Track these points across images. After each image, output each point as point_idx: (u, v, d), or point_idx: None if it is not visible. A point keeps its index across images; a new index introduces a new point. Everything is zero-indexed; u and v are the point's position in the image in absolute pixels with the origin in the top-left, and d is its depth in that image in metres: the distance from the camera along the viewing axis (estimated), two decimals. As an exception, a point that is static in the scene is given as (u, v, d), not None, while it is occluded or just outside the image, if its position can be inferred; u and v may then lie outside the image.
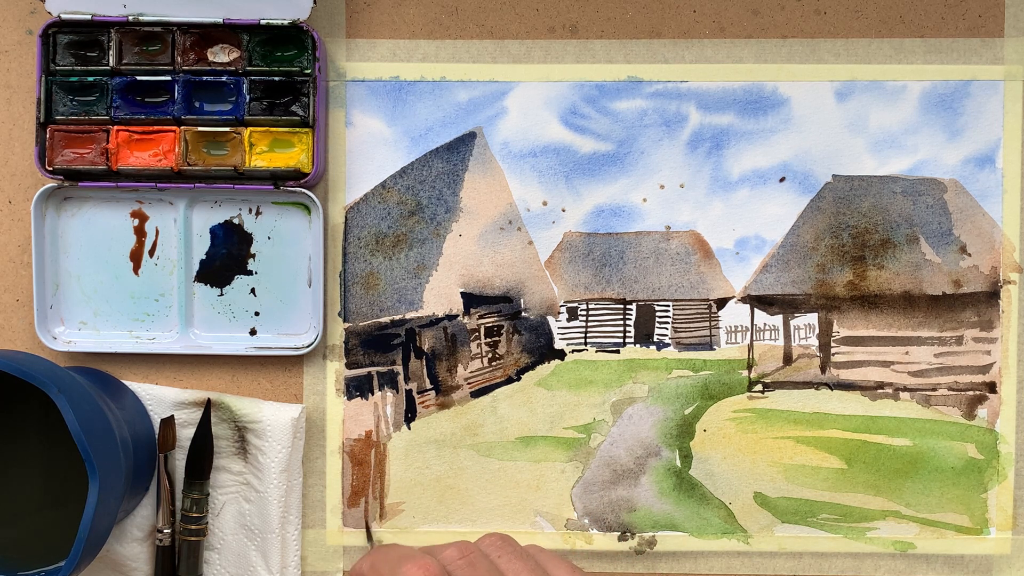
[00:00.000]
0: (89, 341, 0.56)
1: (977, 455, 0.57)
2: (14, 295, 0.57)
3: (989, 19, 0.56)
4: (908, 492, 0.57)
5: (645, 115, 0.57)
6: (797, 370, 0.57)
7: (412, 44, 0.57)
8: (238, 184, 0.55)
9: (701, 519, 0.57)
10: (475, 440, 0.57)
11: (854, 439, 0.57)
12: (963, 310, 0.57)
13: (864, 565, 0.57)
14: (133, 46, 0.55)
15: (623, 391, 0.57)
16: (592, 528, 0.57)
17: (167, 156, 0.55)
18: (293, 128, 0.55)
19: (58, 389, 0.45)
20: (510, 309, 0.57)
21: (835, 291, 0.57)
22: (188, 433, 0.56)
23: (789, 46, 0.56)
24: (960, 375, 0.57)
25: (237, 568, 0.56)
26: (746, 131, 0.57)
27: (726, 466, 0.57)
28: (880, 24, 0.56)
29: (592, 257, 0.57)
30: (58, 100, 0.55)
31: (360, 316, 0.57)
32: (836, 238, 0.57)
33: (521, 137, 0.57)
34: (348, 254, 0.57)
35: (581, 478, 0.57)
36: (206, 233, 0.56)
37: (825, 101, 0.57)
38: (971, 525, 0.57)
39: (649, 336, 0.57)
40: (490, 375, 0.57)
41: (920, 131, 0.57)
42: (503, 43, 0.57)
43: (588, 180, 0.57)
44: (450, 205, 0.57)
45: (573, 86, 0.57)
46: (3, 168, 0.57)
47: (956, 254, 0.57)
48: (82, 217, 0.56)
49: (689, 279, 0.57)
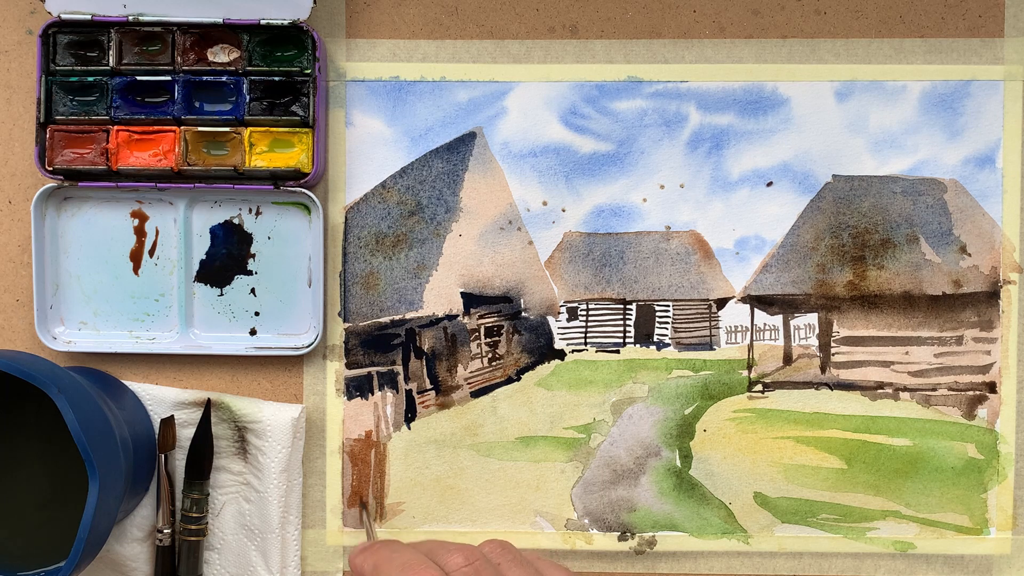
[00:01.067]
0: (89, 341, 0.56)
1: (977, 455, 0.57)
2: (14, 295, 0.57)
3: (989, 19, 0.56)
4: (908, 492, 0.57)
5: (645, 115, 0.57)
6: (797, 370, 0.57)
7: (412, 44, 0.57)
8: (238, 184, 0.55)
9: (701, 519, 0.57)
10: (475, 440, 0.57)
11: (854, 439, 0.57)
12: (963, 310, 0.57)
13: (864, 565, 0.57)
14: (133, 46, 0.55)
15: (623, 391, 0.57)
16: (592, 528, 0.57)
17: (167, 156, 0.55)
18: (293, 128, 0.55)
19: (58, 389, 0.45)
20: (510, 309, 0.57)
21: (835, 291, 0.57)
22: (188, 433, 0.56)
23: (789, 46, 0.56)
24: (960, 375, 0.57)
25: (237, 568, 0.56)
26: (746, 131, 0.57)
27: (726, 466, 0.57)
28: (880, 24, 0.56)
29: (592, 257, 0.57)
30: (58, 100, 0.55)
31: (360, 316, 0.57)
32: (836, 238, 0.57)
33: (521, 137, 0.57)
34: (348, 254, 0.57)
35: (581, 478, 0.57)
36: (206, 233, 0.56)
37: (825, 101, 0.57)
38: (971, 525, 0.57)
39: (649, 336, 0.57)
40: (490, 375, 0.57)
41: (920, 131, 0.57)
42: (503, 43, 0.57)
43: (588, 180, 0.57)
44: (450, 205, 0.57)
45: (573, 86, 0.57)
46: (3, 168, 0.57)
47: (956, 254, 0.57)
48: (82, 217, 0.56)
49: (689, 279, 0.57)
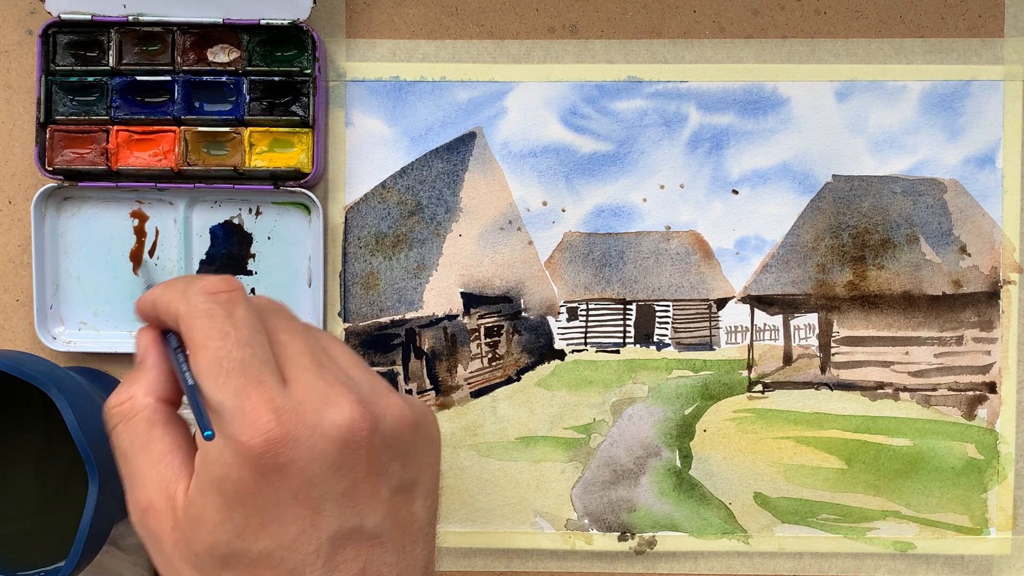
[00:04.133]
0: (89, 341, 0.56)
1: (977, 455, 0.57)
2: (14, 295, 0.57)
3: (989, 19, 0.56)
4: (908, 492, 0.57)
5: (645, 115, 0.57)
6: (797, 370, 0.57)
7: (412, 44, 0.57)
8: (238, 184, 0.55)
9: (701, 519, 0.57)
10: (475, 440, 0.57)
11: (854, 439, 0.57)
12: (963, 310, 0.57)
13: (864, 565, 0.57)
14: (133, 46, 0.55)
15: (623, 391, 0.57)
16: (592, 528, 0.57)
17: (167, 156, 0.55)
18: (293, 128, 0.55)
19: (58, 389, 0.45)
20: (510, 309, 0.57)
21: (835, 291, 0.57)
22: (188, 433, 0.55)
23: (789, 46, 0.56)
24: (960, 375, 0.57)
25: (237, 568, 0.56)
26: (746, 131, 0.57)
27: (726, 466, 0.57)
28: (880, 24, 0.56)
29: (592, 257, 0.57)
30: (58, 100, 0.55)
31: (360, 316, 0.57)
32: (836, 238, 0.57)
33: (521, 137, 0.57)
34: (348, 254, 0.57)
35: (581, 478, 0.57)
36: (206, 233, 0.56)
37: (825, 101, 0.57)
38: (971, 525, 0.57)
39: (649, 336, 0.57)
40: (490, 375, 0.57)
41: (920, 131, 0.57)
42: (503, 43, 0.57)
43: (588, 180, 0.57)
44: (450, 205, 0.57)
45: (573, 86, 0.57)
46: (3, 168, 0.57)
47: (956, 254, 0.57)
48: (82, 217, 0.56)
49: (689, 279, 0.57)
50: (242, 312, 0.34)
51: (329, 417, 0.32)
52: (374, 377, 0.35)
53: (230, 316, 0.33)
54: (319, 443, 0.32)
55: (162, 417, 0.35)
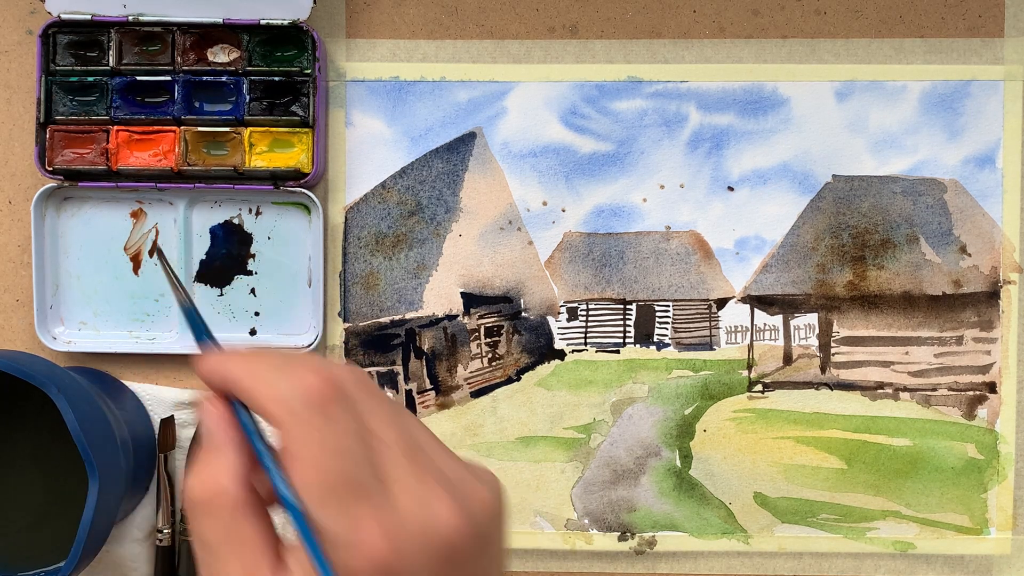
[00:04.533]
0: (89, 341, 0.56)
1: (977, 455, 0.57)
2: (14, 295, 0.57)
3: (989, 19, 0.56)
4: (908, 492, 0.57)
5: (645, 115, 0.57)
6: (797, 370, 0.57)
7: (412, 44, 0.57)
8: (238, 184, 0.55)
9: (701, 519, 0.57)
10: (475, 440, 0.57)
11: (854, 439, 0.57)
12: (963, 310, 0.57)
13: (864, 565, 0.57)
14: (133, 46, 0.55)
15: (623, 391, 0.57)
16: (592, 528, 0.57)
17: (167, 156, 0.55)
18: (293, 128, 0.55)
19: (58, 389, 0.45)
20: (510, 309, 0.57)
21: (835, 291, 0.57)
22: (188, 433, 0.55)
23: (789, 46, 0.56)
24: (960, 375, 0.57)
25: (237, 568, 0.56)
26: (746, 131, 0.57)
27: (726, 466, 0.57)
28: (880, 24, 0.56)
29: (592, 257, 0.57)
30: (58, 100, 0.55)
31: (360, 316, 0.57)
32: (836, 238, 0.57)
33: (521, 137, 0.57)
34: (348, 254, 0.57)
35: (581, 478, 0.57)
36: (206, 233, 0.56)
37: (825, 101, 0.56)
38: (971, 525, 0.57)
39: (649, 336, 0.57)
40: (490, 375, 0.57)
41: (920, 131, 0.57)
42: (503, 43, 0.57)
43: (588, 180, 0.57)
44: (450, 205, 0.57)
45: (573, 86, 0.57)
46: (3, 168, 0.57)
47: (956, 254, 0.57)
48: (82, 217, 0.56)
49: (689, 279, 0.57)
50: (338, 410, 0.31)
51: (432, 526, 0.30)
52: (453, 460, 0.34)
53: (329, 420, 0.30)
54: (423, 560, 0.31)
55: (251, 510, 0.33)
